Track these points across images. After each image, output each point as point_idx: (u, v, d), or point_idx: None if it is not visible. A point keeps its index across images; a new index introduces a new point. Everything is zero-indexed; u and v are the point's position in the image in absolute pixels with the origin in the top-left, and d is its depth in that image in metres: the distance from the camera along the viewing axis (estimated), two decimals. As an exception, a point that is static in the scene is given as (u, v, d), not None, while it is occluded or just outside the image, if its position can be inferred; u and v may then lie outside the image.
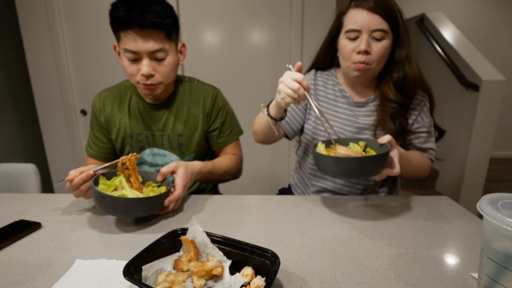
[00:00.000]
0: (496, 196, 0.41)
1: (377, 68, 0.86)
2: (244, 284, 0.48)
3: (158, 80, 0.86)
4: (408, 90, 0.87)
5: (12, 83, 2.25)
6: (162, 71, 0.86)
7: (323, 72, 1.02)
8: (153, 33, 0.81)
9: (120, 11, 0.79)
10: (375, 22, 0.79)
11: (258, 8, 1.97)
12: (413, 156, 0.87)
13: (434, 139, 0.94)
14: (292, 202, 0.85)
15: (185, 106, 0.98)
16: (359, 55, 0.83)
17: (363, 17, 0.80)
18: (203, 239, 0.55)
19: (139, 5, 0.79)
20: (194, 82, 1.03)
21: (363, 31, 0.81)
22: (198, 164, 0.88)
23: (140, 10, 0.78)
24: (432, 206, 0.82)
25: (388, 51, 0.83)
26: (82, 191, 0.74)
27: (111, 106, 0.98)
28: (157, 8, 0.80)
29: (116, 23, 0.81)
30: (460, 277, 0.53)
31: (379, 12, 0.79)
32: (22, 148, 2.34)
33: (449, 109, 2.52)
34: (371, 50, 0.82)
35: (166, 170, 0.78)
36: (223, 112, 1.02)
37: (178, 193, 0.76)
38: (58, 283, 0.52)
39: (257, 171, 2.24)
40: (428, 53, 2.76)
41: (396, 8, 0.81)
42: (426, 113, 0.92)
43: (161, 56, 0.84)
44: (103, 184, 0.72)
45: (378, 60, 0.83)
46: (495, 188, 3.00)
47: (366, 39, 0.81)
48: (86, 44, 1.99)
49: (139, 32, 0.80)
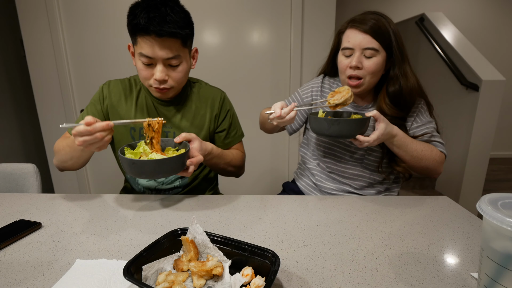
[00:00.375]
0: (496, 196, 0.41)
1: (371, 82, 0.92)
2: (244, 284, 0.48)
3: (170, 85, 0.89)
4: (404, 103, 0.92)
5: (12, 83, 2.25)
6: (175, 76, 0.88)
7: (330, 78, 1.09)
8: (169, 41, 0.82)
9: (139, 18, 0.79)
10: (366, 42, 0.87)
11: (258, 8, 1.97)
12: (415, 141, 0.89)
13: (439, 136, 0.96)
14: (292, 202, 0.85)
15: (193, 106, 1.01)
16: (351, 69, 0.91)
17: (355, 37, 0.89)
18: (203, 239, 0.55)
19: (159, 13, 0.79)
20: (202, 83, 1.06)
21: (355, 49, 0.89)
22: (210, 145, 0.91)
23: (160, 19, 0.79)
24: (432, 206, 0.82)
25: (379, 66, 0.89)
26: (96, 138, 0.71)
27: (118, 96, 0.98)
28: (176, 17, 0.81)
29: (135, 29, 0.82)
30: (460, 277, 0.53)
31: (370, 33, 0.87)
32: (22, 148, 2.34)
33: (449, 109, 2.52)
34: (362, 66, 0.89)
35: (186, 135, 0.84)
36: (230, 114, 1.07)
37: (199, 158, 0.81)
38: (58, 283, 0.52)
39: (257, 171, 2.24)
40: (428, 53, 2.76)
41: (390, 30, 0.88)
42: (423, 113, 0.96)
43: (175, 63, 0.86)
44: (129, 153, 0.77)
45: (369, 75, 0.90)
46: (495, 188, 3.00)
47: (358, 56, 0.89)
48: (86, 44, 1.99)
49: (156, 39, 0.81)
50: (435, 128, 0.96)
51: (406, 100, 0.91)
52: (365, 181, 1.00)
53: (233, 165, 1.03)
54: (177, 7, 0.84)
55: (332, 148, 1.02)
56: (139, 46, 0.83)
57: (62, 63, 2.00)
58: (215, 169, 1.03)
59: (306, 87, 1.10)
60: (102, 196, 0.89)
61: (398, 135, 0.86)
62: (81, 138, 0.71)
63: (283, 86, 2.08)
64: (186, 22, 0.84)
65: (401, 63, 0.90)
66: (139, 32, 0.81)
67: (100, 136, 0.72)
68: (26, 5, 1.92)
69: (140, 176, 0.74)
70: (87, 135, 0.71)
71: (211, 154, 0.92)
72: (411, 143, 0.88)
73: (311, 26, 1.98)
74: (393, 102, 0.92)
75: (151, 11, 0.79)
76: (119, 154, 0.74)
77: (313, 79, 1.11)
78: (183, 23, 0.83)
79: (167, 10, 0.80)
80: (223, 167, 1.01)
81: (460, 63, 2.38)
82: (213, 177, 1.13)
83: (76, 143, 0.72)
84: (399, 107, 0.92)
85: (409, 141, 0.88)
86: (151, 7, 0.80)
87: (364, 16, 0.90)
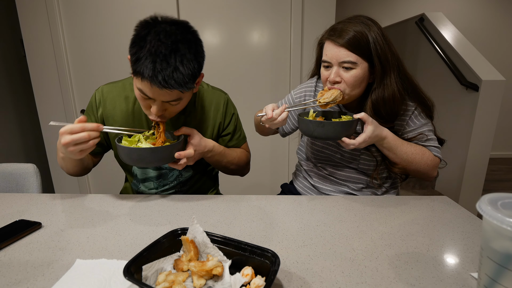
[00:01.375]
0: (496, 196, 0.41)
1: (353, 94, 0.88)
2: (244, 284, 0.48)
3: (168, 117, 0.84)
4: (386, 113, 0.88)
5: (12, 83, 2.25)
6: (174, 110, 0.82)
7: None
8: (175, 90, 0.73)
9: (143, 67, 0.69)
10: (343, 55, 0.83)
11: (258, 8, 1.97)
12: (406, 144, 0.88)
13: (435, 139, 0.93)
14: (292, 202, 0.85)
15: (195, 110, 0.97)
16: (331, 83, 0.88)
17: (332, 50, 0.85)
18: (203, 239, 0.55)
19: (166, 67, 0.69)
20: (203, 86, 1.01)
21: (332, 62, 0.86)
22: (212, 142, 0.91)
23: (166, 74, 0.69)
24: (432, 206, 0.82)
25: (359, 78, 0.85)
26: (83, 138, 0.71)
27: (113, 103, 0.94)
28: (185, 71, 0.71)
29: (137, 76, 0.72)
30: (460, 277, 0.53)
31: (346, 46, 0.83)
32: (22, 148, 2.34)
33: (448, 109, 2.52)
34: (342, 79, 0.86)
35: (185, 130, 0.84)
36: (235, 117, 1.04)
37: (188, 151, 0.81)
38: (58, 283, 0.52)
39: (257, 172, 2.24)
40: (427, 53, 2.76)
41: (370, 39, 0.83)
42: (417, 116, 0.92)
43: (176, 103, 0.78)
44: (126, 140, 0.82)
45: (349, 87, 0.86)
46: (495, 188, 3.00)
47: (336, 70, 0.86)
48: (86, 44, 1.99)
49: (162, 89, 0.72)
50: (431, 131, 0.93)
51: (387, 110, 0.87)
52: (362, 183, 0.99)
53: (236, 164, 1.02)
54: (190, 53, 0.72)
55: (327, 152, 1.01)
56: (138, 82, 0.74)
57: (62, 63, 2.00)
58: (217, 166, 1.02)
59: (299, 90, 1.08)
60: (102, 196, 0.89)
61: (387, 138, 0.85)
62: (67, 136, 0.71)
63: (283, 86, 2.08)
64: (196, 71, 0.74)
65: (383, 73, 0.85)
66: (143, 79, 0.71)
67: (87, 136, 0.72)
68: (26, 5, 1.92)
69: (130, 162, 0.79)
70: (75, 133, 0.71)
71: (213, 152, 0.91)
72: (401, 146, 0.87)
73: (311, 26, 1.98)
74: (375, 111, 0.88)
75: (157, 62, 0.68)
76: (115, 141, 0.79)
77: (307, 82, 1.08)
78: (192, 74, 0.73)
79: (177, 61, 0.70)
80: (225, 165, 1.00)
81: (460, 63, 2.38)
82: (214, 175, 1.12)
83: (62, 142, 0.71)
84: (381, 117, 0.88)
85: (399, 144, 0.87)
86: (158, 55, 0.68)
87: (343, 26, 0.85)
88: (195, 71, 0.75)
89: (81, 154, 0.76)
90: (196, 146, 0.84)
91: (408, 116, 0.92)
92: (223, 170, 1.06)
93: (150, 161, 0.78)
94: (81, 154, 0.76)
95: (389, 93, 0.86)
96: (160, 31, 0.70)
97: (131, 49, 0.72)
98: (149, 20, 0.72)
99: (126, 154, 0.78)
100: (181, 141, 0.82)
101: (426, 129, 0.92)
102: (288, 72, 2.06)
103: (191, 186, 1.04)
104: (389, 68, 0.85)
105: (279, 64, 2.06)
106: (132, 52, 0.72)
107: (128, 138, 0.83)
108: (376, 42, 0.83)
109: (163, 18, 0.73)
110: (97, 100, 0.94)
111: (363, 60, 0.84)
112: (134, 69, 0.72)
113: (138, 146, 0.80)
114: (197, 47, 0.76)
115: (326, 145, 1.02)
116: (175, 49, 0.70)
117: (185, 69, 0.71)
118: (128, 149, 0.77)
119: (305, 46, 2.01)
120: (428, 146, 0.92)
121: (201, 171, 1.05)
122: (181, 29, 0.73)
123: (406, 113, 0.91)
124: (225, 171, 1.06)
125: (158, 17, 0.73)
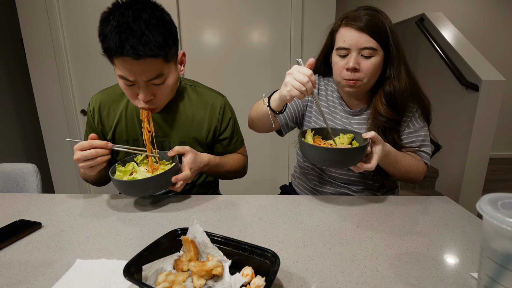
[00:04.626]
0: (496, 196, 0.41)
1: (369, 84, 0.87)
2: (244, 284, 0.48)
3: (157, 103, 0.83)
4: (397, 105, 0.87)
5: (12, 83, 2.25)
6: (161, 93, 0.81)
7: (324, 78, 1.03)
8: (149, 62, 0.73)
9: (110, 42, 0.69)
10: (364, 41, 0.81)
11: (258, 8, 1.97)
12: (404, 157, 0.87)
13: (429, 144, 0.93)
14: (292, 202, 0.85)
15: (189, 113, 0.95)
16: (348, 72, 0.85)
17: (352, 36, 0.82)
18: (203, 239, 0.55)
19: (132, 34, 0.68)
20: (197, 87, 0.99)
21: (352, 49, 0.83)
22: (207, 156, 0.90)
23: (133, 41, 0.68)
24: (432, 206, 0.82)
25: (378, 67, 0.84)
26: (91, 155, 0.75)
27: (107, 110, 0.95)
28: (152, 36, 0.70)
29: (107, 52, 0.73)
30: (460, 277, 0.53)
31: (367, 31, 0.80)
32: (22, 148, 2.34)
33: (448, 109, 2.52)
34: (360, 68, 0.83)
35: (179, 149, 0.83)
36: (232, 121, 1.02)
37: (185, 174, 0.81)
38: (58, 283, 0.52)
39: (257, 172, 2.24)
40: (427, 53, 2.76)
41: (387, 26, 0.82)
42: (417, 118, 0.92)
43: (159, 82, 0.78)
44: (119, 171, 0.81)
45: (367, 76, 0.84)
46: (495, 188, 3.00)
47: (355, 57, 0.82)
48: (86, 44, 1.99)
49: (134, 61, 0.71)
50: (427, 135, 0.93)
51: (398, 103, 0.87)
52: (362, 186, 0.98)
53: (233, 171, 1.02)
54: (154, 18, 0.71)
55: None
56: (117, 68, 0.75)
57: (62, 63, 2.00)
58: (215, 176, 1.02)
59: None
60: (102, 196, 0.89)
61: (391, 153, 0.83)
62: (78, 152, 0.75)
63: (283, 86, 2.08)
64: (165, 36, 0.73)
65: (397, 62, 0.85)
66: (114, 54, 0.72)
67: (94, 153, 0.75)
68: (26, 5, 1.92)
69: (129, 194, 0.79)
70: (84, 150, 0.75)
71: (209, 165, 0.90)
72: (402, 160, 0.86)
73: (311, 26, 1.98)
74: (388, 103, 0.87)
75: (122, 32, 0.68)
76: (110, 174, 0.78)
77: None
78: (162, 39, 0.72)
79: (141, 27, 0.69)
80: (223, 174, 1.00)
81: (460, 63, 2.38)
82: (213, 181, 1.11)
83: (74, 158, 0.76)
84: (394, 108, 0.87)
85: (400, 158, 0.86)
86: (122, 25, 0.69)
87: (357, 13, 0.83)
88: (165, 36, 0.73)
89: (91, 170, 0.78)
90: (191, 164, 0.83)
91: (409, 117, 0.91)
92: (221, 178, 1.06)
93: (147, 190, 0.77)
94: (91, 170, 0.78)
95: (402, 84, 0.85)
96: (119, 6, 0.71)
97: (99, 38, 0.73)
98: (111, 6, 0.73)
99: (120, 186, 0.76)
100: (176, 164, 0.80)
101: (422, 133, 0.92)
102: (288, 72, 2.06)
103: (190, 190, 1.04)
104: (402, 58, 0.85)
105: (279, 64, 2.05)
106: (99, 34, 0.73)
107: (121, 168, 0.82)
108: (392, 30, 0.82)
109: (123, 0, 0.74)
110: (92, 109, 0.96)
111: (381, 48, 0.82)
112: (103, 48, 0.72)
113: (133, 177, 0.78)
114: (162, 15, 0.74)
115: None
116: (138, 17, 0.70)
117: (152, 33, 0.70)
118: (122, 183, 0.75)
119: (305, 46, 2.01)
120: (421, 153, 0.92)
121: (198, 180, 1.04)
122: (142, 2, 0.73)
123: (407, 114, 0.91)
124: (223, 178, 1.06)
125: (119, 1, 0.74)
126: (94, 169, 0.78)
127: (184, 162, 0.83)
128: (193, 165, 0.83)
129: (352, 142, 0.85)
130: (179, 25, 1.94)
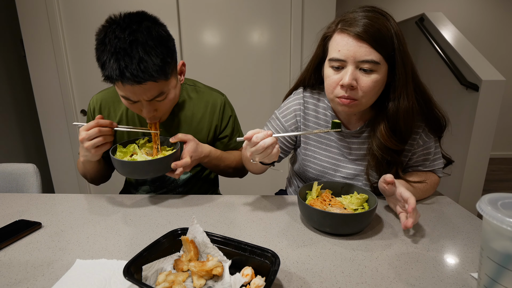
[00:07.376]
0: (496, 196, 0.41)
1: (368, 104, 0.72)
2: (244, 284, 0.48)
3: (160, 116, 0.84)
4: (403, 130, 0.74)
5: (12, 83, 2.25)
6: (164, 107, 0.82)
7: (313, 91, 0.87)
8: (150, 83, 0.72)
9: (109, 69, 0.68)
10: (363, 52, 0.65)
11: (258, 8, 1.97)
12: (422, 190, 0.82)
13: (440, 156, 0.87)
14: (291, 202, 0.85)
15: (189, 112, 0.96)
16: (343, 89, 0.69)
17: (348, 45, 0.66)
18: (203, 239, 0.55)
19: (130, 61, 0.67)
20: (197, 86, 0.99)
21: (348, 61, 0.67)
22: (208, 147, 0.90)
23: (132, 68, 0.67)
24: (432, 206, 0.82)
25: (379, 84, 0.69)
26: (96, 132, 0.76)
27: (108, 110, 0.95)
28: (151, 60, 0.69)
29: (109, 80, 0.72)
30: (460, 277, 0.53)
31: (367, 39, 0.65)
32: (22, 148, 2.34)
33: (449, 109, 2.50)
34: (358, 84, 0.68)
35: (181, 136, 0.84)
36: (232, 119, 1.02)
37: (185, 161, 0.81)
38: (58, 283, 0.52)
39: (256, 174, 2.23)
40: (427, 53, 2.76)
41: (392, 32, 0.67)
42: (427, 134, 0.81)
43: (161, 98, 0.78)
44: (120, 151, 0.82)
45: (367, 96, 0.69)
46: (495, 188, 3.00)
47: (352, 72, 0.67)
48: (86, 44, 1.99)
49: (135, 85, 0.71)
50: (438, 147, 0.85)
51: (404, 127, 0.73)
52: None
53: (234, 167, 1.02)
54: (150, 39, 0.69)
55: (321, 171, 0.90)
56: (119, 89, 0.74)
57: (62, 63, 2.00)
58: (215, 170, 1.02)
59: (287, 111, 0.88)
60: (102, 196, 0.89)
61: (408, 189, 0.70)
62: (83, 132, 0.76)
63: (283, 86, 2.08)
64: (164, 56, 0.71)
65: (405, 79, 0.69)
66: (115, 81, 0.71)
67: (98, 131, 0.77)
68: (26, 5, 1.92)
69: (128, 175, 0.80)
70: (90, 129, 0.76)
71: (209, 157, 0.91)
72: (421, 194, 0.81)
73: (311, 26, 1.98)
74: (391, 128, 0.73)
75: (120, 59, 0.67)
76: (110, 153, 0.79)
77: (292, 97, 0.89)
78: (161, 60, 0.70)
79: (139, 51, 0.67)
80: (223, 169, 1.00)
81: (460, 63, 2.38)
82: (213, 178, 1.11)
83: (79, 139, 0.77)
84: (397, 135, 0.74)
85: (420, 193, 0.80)
86: (119, 52, 0.67)
87: (356, 15, 0.67)
88: (164, 56, 0.72)
89: (96, 152, 0.79)
90: (192, 153, 0.83)
91: (418, 134, 0.80)
92: (221, 174, 1.06)
93: (146, 173, 0.78)
94: (95, 152, 0.79)
95: (409, 104, 0.70)
96: (114, 28, 0.70)
97: (96, 57, 0.72)
98: (105, 22, 0.73)
99: (120, 166, 0.77)
100: (177, 150, 0.81)
101: (433, 148, 0.83)
102: (288, 72, 2.06)
103: (189, 189, 1.04)
104: (410, 73, 0.70)
105: (279, 64, 2.05)
106: (97, 59, 0.72)
107: (122, 149, 0.82)
108: (399, 37, 0.67)
109: (116, 15, 0.73)
110: (92, 109, 0.96)
111: (385, 62, 0.67)
112: (104, 75, 0.72)
113: (133, 159, 0.79)
114: (158, 31, 0.72)
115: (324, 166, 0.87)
116: (134, 40, 0.68)
117: (151, 57, 0.69)
118: (122, 162, 0.76)
119: (305, 46, 2.01)
120: (435, 168, 0.87)
121: (198, 174, 1.05)
122: (136, 19, 0.71)
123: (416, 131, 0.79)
124: (223, 174, 1.06)
125: (112, 16, 0.73)
126: (98, 150, 0.79)
127: (185, 150, 0.83)
128: (193, 154, 0.84)
129: (364, 205, 0.72)
130: (179, 25, 1.94)
